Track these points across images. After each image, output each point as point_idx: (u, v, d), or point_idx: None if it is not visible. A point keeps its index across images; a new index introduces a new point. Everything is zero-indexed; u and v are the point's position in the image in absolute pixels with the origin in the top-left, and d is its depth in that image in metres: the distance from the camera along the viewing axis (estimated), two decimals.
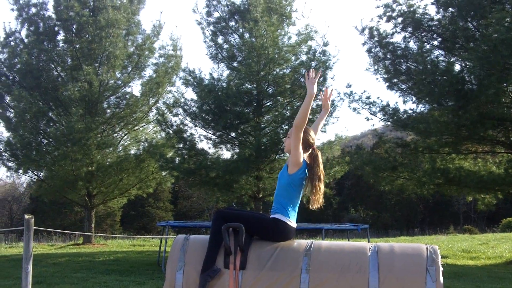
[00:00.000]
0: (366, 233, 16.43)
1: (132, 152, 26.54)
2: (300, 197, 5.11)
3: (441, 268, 4.26)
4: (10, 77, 24.86)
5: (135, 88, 79.87)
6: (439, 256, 4.32)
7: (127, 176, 25.48)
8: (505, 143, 19.03)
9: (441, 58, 19.28)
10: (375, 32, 20.13)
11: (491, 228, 42.15)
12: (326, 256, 4.47)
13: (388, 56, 20.02)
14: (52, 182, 25.11)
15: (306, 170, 5.03)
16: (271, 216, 4.88)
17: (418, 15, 19.63)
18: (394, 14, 19.88)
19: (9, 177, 57.35)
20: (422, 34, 19.85)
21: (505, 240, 26.11)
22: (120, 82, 25.44)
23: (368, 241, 16.09)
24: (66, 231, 9.39)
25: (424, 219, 58.99)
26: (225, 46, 22.24)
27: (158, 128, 24.48)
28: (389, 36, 20.16)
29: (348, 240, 18.66)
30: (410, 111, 20.08)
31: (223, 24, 22.36)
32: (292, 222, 4.92)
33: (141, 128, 26.62)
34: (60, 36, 25.48)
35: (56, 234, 31.41)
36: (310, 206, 5.15)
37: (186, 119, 21.53)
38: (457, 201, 55.31)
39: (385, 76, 20.19)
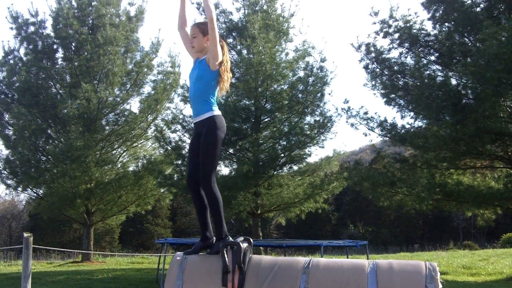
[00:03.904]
0: (365, 250, 16.37)
1: (131, 169, 26.53)
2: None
3: (440, 286, 4.25)
4: (9, 95, 24.89)
5: (134, 105, 79.72)
6: (438, 273, 4.32)
7: (126, 193, 25.45)
8: (504, 157, 19.04)
9: (438, 73, 19.35)
10: (372, 48, 20.21)
11: (491, 244, 42.10)
12: (324, 273, 4.46)
13: (385, 71, 20.10)
14: (51, 199, 25.08)
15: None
16: (211, 115, 5.12)
17: (415, 30, 19.73)
18: (391, 30, 19.98)
19: (8, 194, 57.27)
20: (419, 50, 19.93)
21: (506, 256, 26.03)
22: (118, 99, 25.46)
23: (367, 258, 16.05)
24: (65, 249, 9.37)
25: (424, 235, 58.93)
26: None
27: (157, 145, 24.51)
28: (385, 52, 20.26)
29: (347, 257, 18.61)
30: (408, 126, 20.14)
31: None
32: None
33: (139, 145, 26.63)
34: (59, 54, 25.58)
35: (55, 252, 31.33)
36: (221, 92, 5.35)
37: (185, 136, 21.57)
38: (457, 217, 55.27)
39: (383, 91, 20.24)
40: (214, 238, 5.12)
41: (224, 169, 37.84)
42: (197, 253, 4.97)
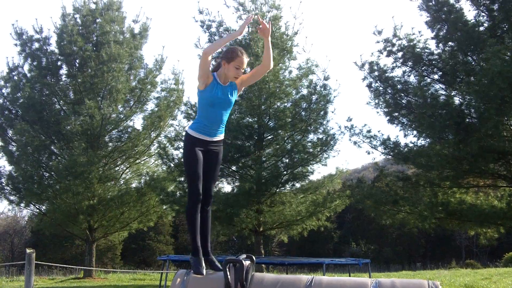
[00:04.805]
0: (368, 268, 16.33)
1: (134, 185, 26.57)
2: None
3: None
4: (13, 111, 25.01)
5: (137, 121, 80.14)
6: None
7: (128, 210, 25.46)
8: (507, 177, 18.99)
9: (441, 92, 19.36)
10: (375, 67, 20.23)
11: (494, 263, 41.83)
12: None
13: (388, 90, 20.10)
14: (53, 216, 25.10)
15: None
16: (223, 138, 5.47)
17: (418, 49, 19.75)
18: (394, 48, 20.00)
19: (10, 210, 57.33)
20: (423, 68, 19.95)
21: (508, 275, 25.86)
22: (122, 116, 25.55)
23: (370, 276, 16.02)
24: (67, 265, 9.35)
25: (426, 253, 58.64)
26: None
27: (160, 162, 24.52)
28: (389, 71, 20.27)
29: (349, 275, 18.56)
30: (411, 145, 20.10)
31: None
32: None
33: (142, 162, 26.67)
34: (63, 71, 25.75)
35: (57, 268, 31.24)
36: None
37: None
38: (459, 235, 55.01)
39: (386, 110, 20.24)
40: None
41: (226, 187, 37.85)
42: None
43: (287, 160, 21.15)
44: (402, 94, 20.05)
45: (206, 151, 5.29)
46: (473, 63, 18.87)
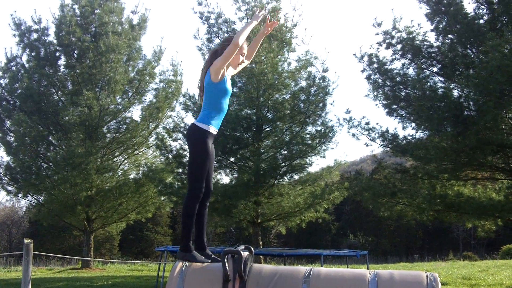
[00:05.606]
0: (365, 260, 16.35)
1: (132, 176, 26.54)
2: None
3: None
4: (11, 102, 24.96)
5: (135, 113, 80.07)
6: (439, 284, 4.31)
7: (126, 201, 25.47)
8: (505, 169, 18.99)
9: (440, 84, 19.32)
10: (374, 59, 20.18)
11: (491, 255, 41.96)
12: (325, 283, 4.46)
13: (387, 82, 20.06)
14: (51, 206, 25.09)
15: None
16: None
17: (418, 42, 19.71)
18: (394, 41, 19.95)
19: (8, 201, 57.37)
20: (422, 61, 19.89)
21: (505, 267, 25.96)
22: (120, 107, 25.50)
23: (368, 268, 16.03)
24: (65, 256, 9.38)
25: (424, 245, 58.81)
26: None
27: (158, 153, 24.52)
28: (388, 63, 20.23)
29: (347, 267, 18.56)
30: (409, 137, 20.06)
31: None
32: None
33: (140, 153, 26.65)
34: (61, 61, 25.65)
35: (54, 258, 31.30)
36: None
37: (186, 144, 21.54)
38: (457, 228, 55.17)
39: (384, 102, 20.20)
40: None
41: (224, 178, 37.86)
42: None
43: (286, 152, 21.14)
44: (401, 87, 20.01)
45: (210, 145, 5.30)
46: (472, 55, 18.83)
